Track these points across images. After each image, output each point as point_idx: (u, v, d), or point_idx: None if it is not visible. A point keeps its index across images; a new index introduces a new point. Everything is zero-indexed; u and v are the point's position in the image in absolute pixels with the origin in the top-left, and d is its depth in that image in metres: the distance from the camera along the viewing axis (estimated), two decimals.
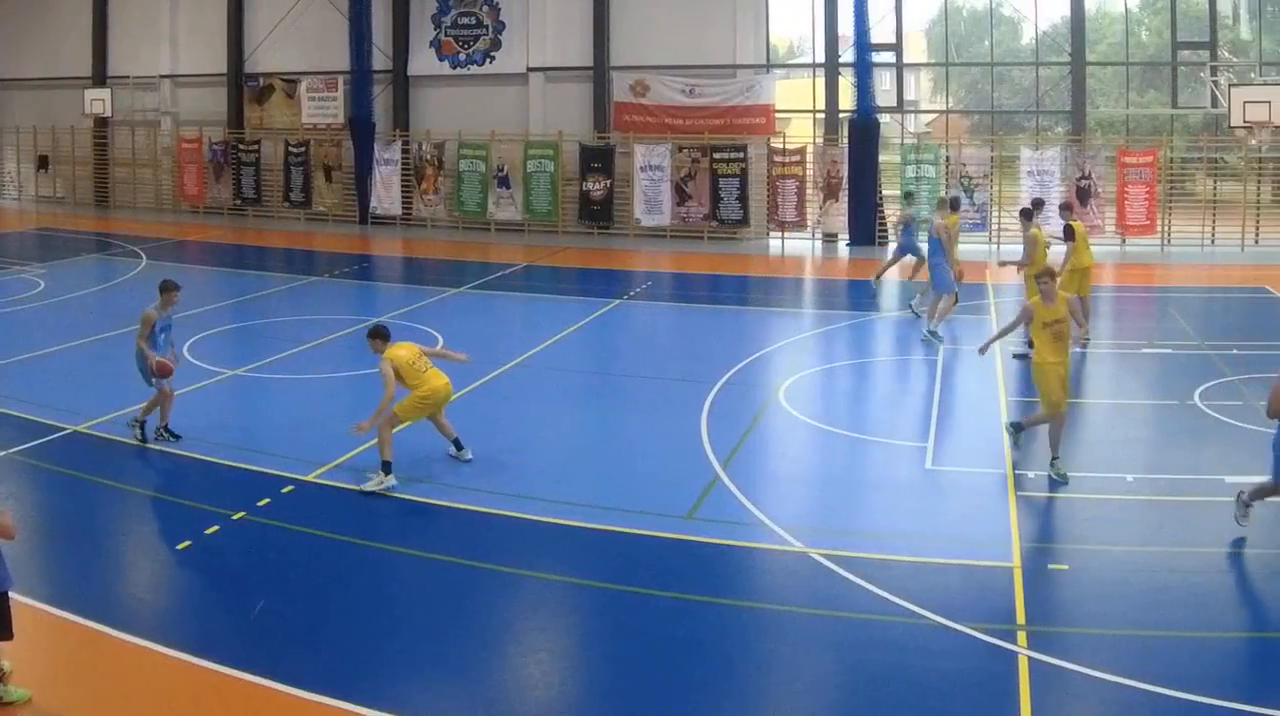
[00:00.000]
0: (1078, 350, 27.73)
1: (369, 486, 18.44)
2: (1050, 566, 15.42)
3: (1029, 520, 17.24)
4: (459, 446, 19.83)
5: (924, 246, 31.96)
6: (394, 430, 18.93)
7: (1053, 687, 12.39)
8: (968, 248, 31.37)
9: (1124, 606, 14.38)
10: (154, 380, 20.68)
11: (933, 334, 28.52)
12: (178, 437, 20.90)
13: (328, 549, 16.44)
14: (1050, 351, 18.79)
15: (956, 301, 29.50)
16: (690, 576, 15.49)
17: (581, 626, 14.59)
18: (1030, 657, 12.91)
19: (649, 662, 13.16)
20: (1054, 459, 18.80)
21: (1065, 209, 30.71)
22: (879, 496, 18.77)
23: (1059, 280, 27.95)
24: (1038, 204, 31.97)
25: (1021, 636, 13.47)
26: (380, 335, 19.32)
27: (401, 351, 19.15)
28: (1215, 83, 44.66)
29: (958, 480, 19.20)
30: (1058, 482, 18.44)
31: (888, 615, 14.14)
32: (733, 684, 12.71)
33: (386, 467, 18.59)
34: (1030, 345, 25.80)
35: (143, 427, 20.86)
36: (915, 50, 53.39)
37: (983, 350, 20.81)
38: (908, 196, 37.56)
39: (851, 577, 15.12)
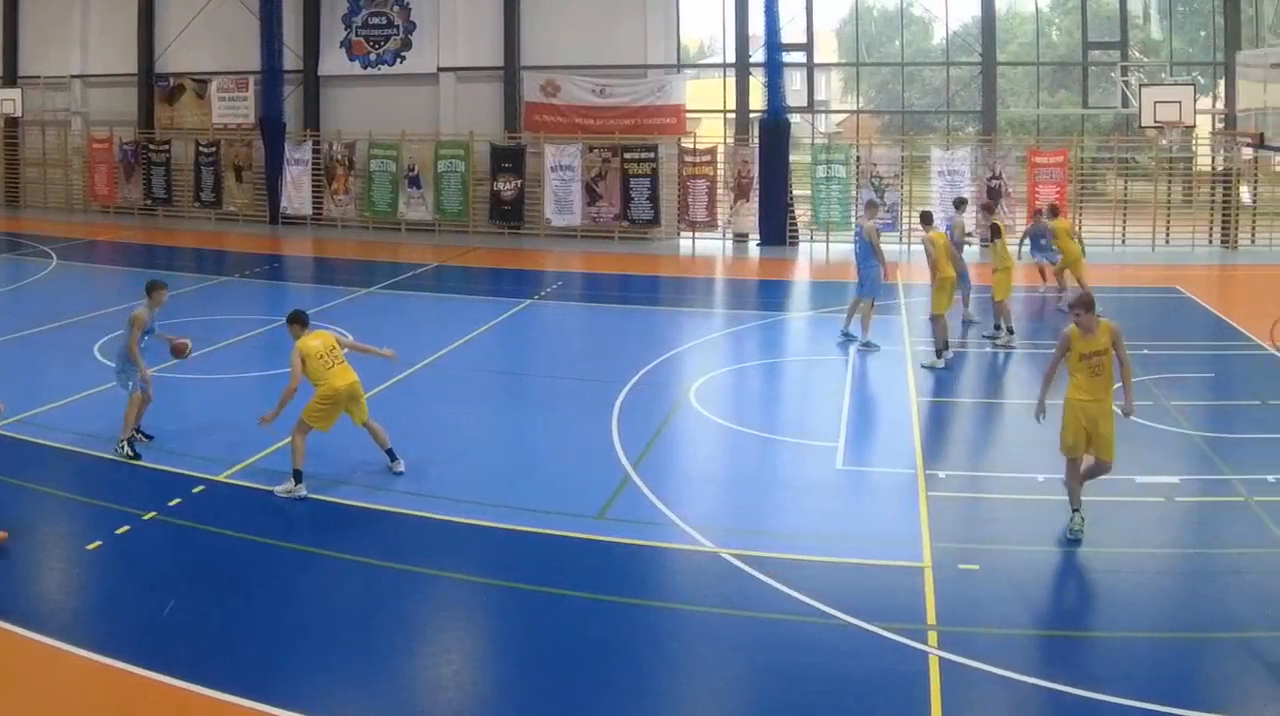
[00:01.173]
0: (989, 350, 27.09)
1: (279, 491, 17.75)
2: (961, 566, 14.96)
3: (940, 520, 16.61)
4: (392, 457, 18.76)
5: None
6: (305, 435, 18.06)
7: (963, 687, 12.09)
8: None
9: (1034, 606, 14.22)
10: (130, 385, 19.80)
11: (866, 345, 27.05)
12: (150, 438, 20.20)
13: (239, 549, 15.88)
14: (1078, 387, 15.79)
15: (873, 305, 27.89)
16: (601, 576, 15.09)
17: (492, 626, 14.18)
18: (941, 657, 12.60)
19: (560, 662, 12.78)
20: (1074, 511, 16.11)
21: (986, 210, 29.63)
22: (790, 496, 18.12)
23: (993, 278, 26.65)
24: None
25: (932, 636, 13.14)
26: (297, 320, 18.42)
27: (314, 341, 18.06)
28: (1126, 83, 43.48)
29: (869, 480, 18.83)
30: (1070, 540, 15.85)
31: (799, 615, 13.75)
32: (644, 684, 12.44)
33: (297, 476, 17.76)
34: (939, 354, 25.48)
35: (131, 444, 19.58)
36: (826, 50, 51.89)
37: (1039, 414, 16.31)
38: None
39: (762, 577, 14.70)
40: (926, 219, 27.82)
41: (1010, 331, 27.48)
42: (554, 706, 11.89)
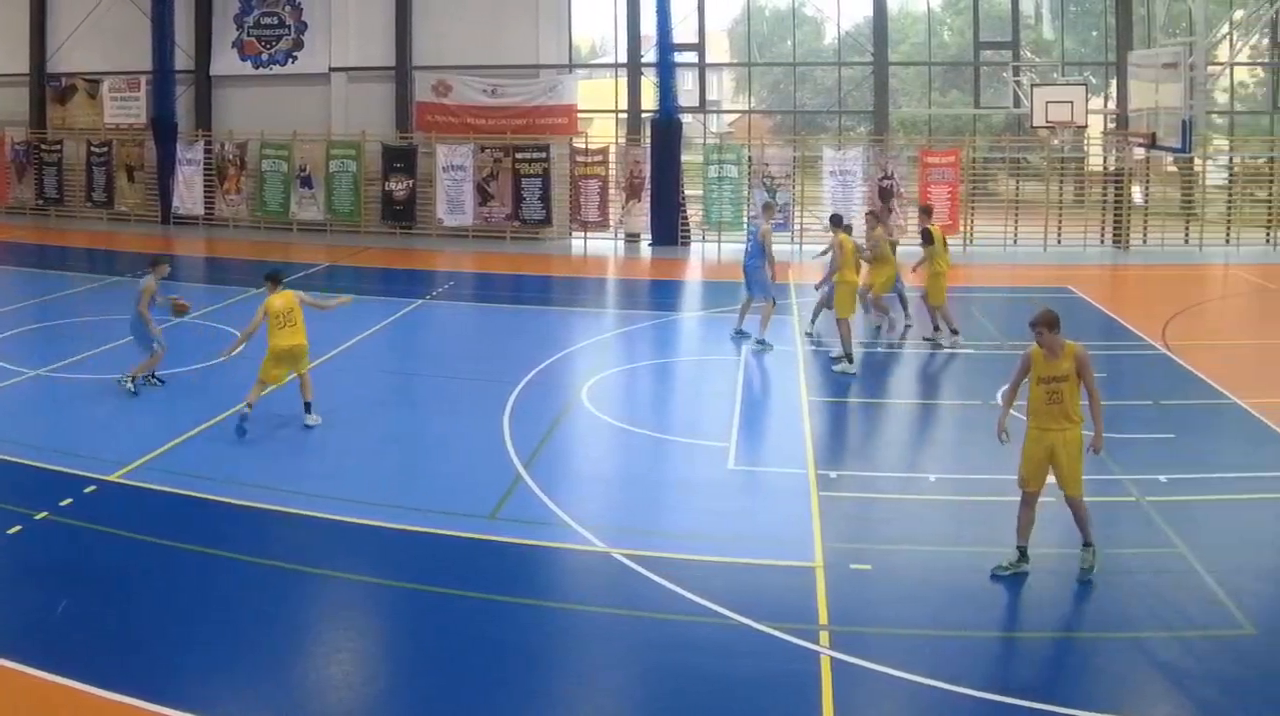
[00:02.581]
0: (880, 351, 26.46)
1: (239, 408, 19.58)
2: (852, 566, 14.57)
3: (831, 520, 16.10)
4: (307, 409, 20.17)
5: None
6: (265, 391, 20.01)
7: (855, 687, 11.81)
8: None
9: (925, 606, 13.64)
10: (155, 345, 21.95)
11: (761, 343, 26.09)
12: (163, 382, 22.56)
13: (131, 549, 15.28)
14: (1032, 412, 14.21)
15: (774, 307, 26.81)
16: (493, 576, 14.61)
17: (385, 627, 13.73)
18: (832, 657, 12.26)
19: (452, 663, 12.32)
20: (1017, 547, 14.38)
21: (924, 213, 28.07)
22: (681, 496, 17.61)
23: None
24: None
25: (824, 636, 12.78)
26: (271, 278, 20.24)
27: (278, 301, 19.77)
28: (1018, 83, 41.70)
29: (760, 480, 18.24)
30: (999, 574, 14.29)
31: (690, 615, 13.35)
32: (536, 684, 11.99)
33: (249, 407, 19.46)
34: (850, 358, 24.12)
35: (134, 382, 21.96)
36: (718, 50, 49.72)
37: (1000, 435, 14.69)
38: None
39: (654, 577, 14.29)
40: (837, 221, 26.23)
41: (955, 332, 26.44)
42: (446, 706, 11.47)
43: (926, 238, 26.48)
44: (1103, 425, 14.14)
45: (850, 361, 24.14)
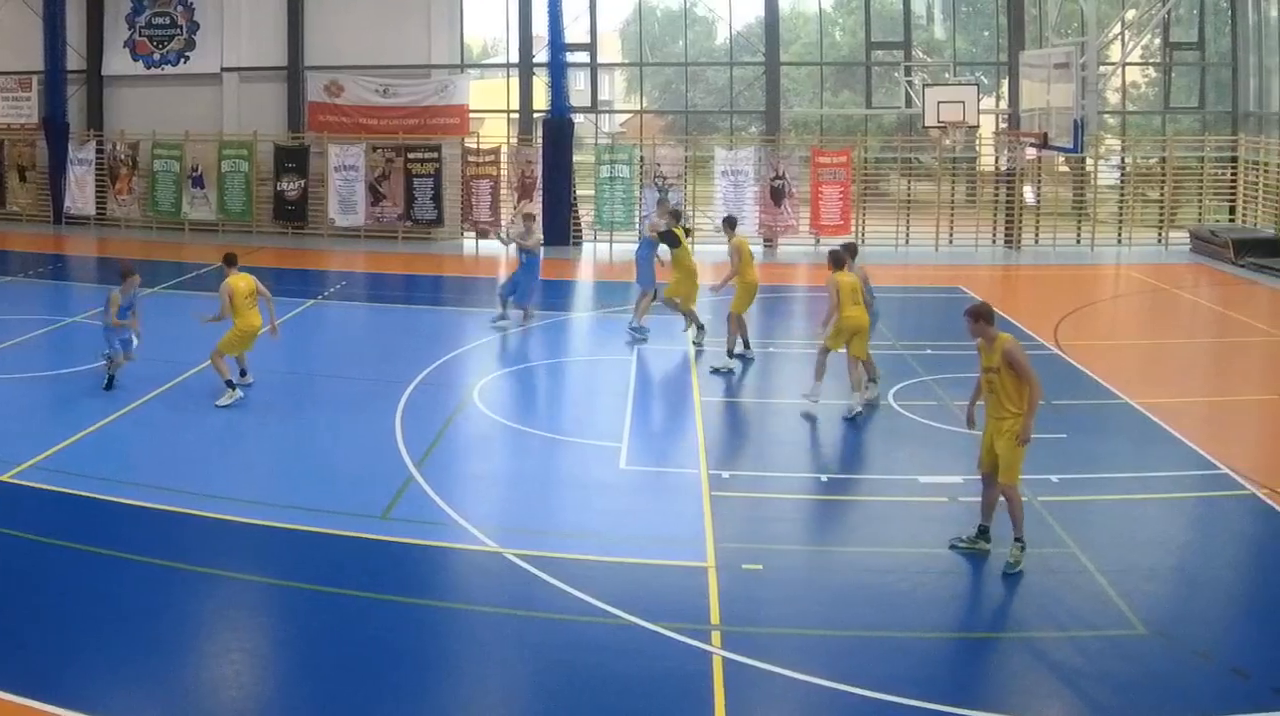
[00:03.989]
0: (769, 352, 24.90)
1: (221, 402, 20.03)
2: (744, 566, 14.00)
3: (723, 520, 15.52)
4: (243, 373, 21.10)
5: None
6: (223, 358, 20.49)
7: (746, 687, 11.25)
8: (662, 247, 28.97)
9: (817, 606, 13.18)
10: (113, 346, 21.36)
11: (636, 330, 25.76)
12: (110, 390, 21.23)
13: (22, 549, 14.47)
14: (984, 401, 14.41)
15: (655, 298, 26.13)
16: (384, 576, 13.92)
17: (275, 626, 12.87)
18: (724, 657, 11.73)
19: (343, 663, 11.64)
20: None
21: (675, 217, 26.59)
22: (573, 496, 16.99)
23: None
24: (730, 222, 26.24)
25: (715, 636, 12.23)
26: (228, 261, 20.87)
27: (241, 282, 20.35)
28: (909, 83, 39.22)
29: (652, 480, 17.56)
30: (956, 545, 14.52)
31: (582, 615, 12.75)
32: (427, 684, 11.37)
33: (230, 384, 20.16)
34: (730, 354, 23.45)
35: (111, 381, 21.31)
36: (610, 50, 46.86)
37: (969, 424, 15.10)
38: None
39: (546, 577, 13.71)
40: (730, 223, 25.47)
41: (700, 327, 25.38)
42: (337, 705, 10.88)
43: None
44: (1030, 418, 13.68)
45: (731, 358, 23.39)
